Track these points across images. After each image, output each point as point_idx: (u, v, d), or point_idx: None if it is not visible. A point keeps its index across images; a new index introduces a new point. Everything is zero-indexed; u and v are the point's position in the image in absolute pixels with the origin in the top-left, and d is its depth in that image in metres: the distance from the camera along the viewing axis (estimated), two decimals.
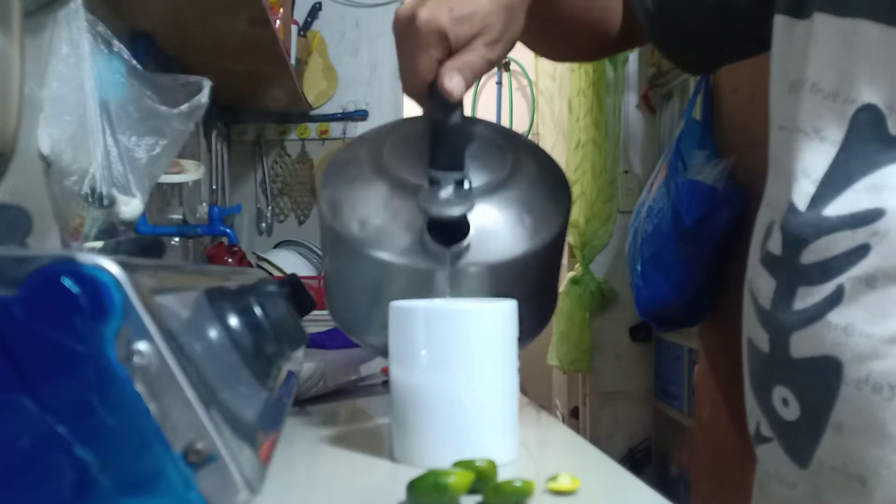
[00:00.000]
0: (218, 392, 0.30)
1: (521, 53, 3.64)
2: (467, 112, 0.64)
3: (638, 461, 2.63)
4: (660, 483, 2.56)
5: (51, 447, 0.26)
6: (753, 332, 0.58)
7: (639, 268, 2.39)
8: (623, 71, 2.68)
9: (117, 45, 1.03)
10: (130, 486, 0.27)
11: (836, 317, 0.51)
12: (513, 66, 3.78)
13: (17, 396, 0.26)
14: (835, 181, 0.52)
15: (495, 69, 3.79)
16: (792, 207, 0.54)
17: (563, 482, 0.45)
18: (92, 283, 0.26)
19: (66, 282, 0.26)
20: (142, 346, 0.26)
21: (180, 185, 1.72)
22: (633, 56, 2.63)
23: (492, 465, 0.45)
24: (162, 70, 1.46)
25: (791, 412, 0.55)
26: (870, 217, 0.50)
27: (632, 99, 2.65)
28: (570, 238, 2.59)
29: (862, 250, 0.50)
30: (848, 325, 0.50)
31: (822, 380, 0.52)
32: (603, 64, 2.65)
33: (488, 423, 0.51)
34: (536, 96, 2.93)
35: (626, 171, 2.67)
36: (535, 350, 2.77)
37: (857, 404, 0.50)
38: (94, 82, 0.93)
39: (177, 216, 1.73)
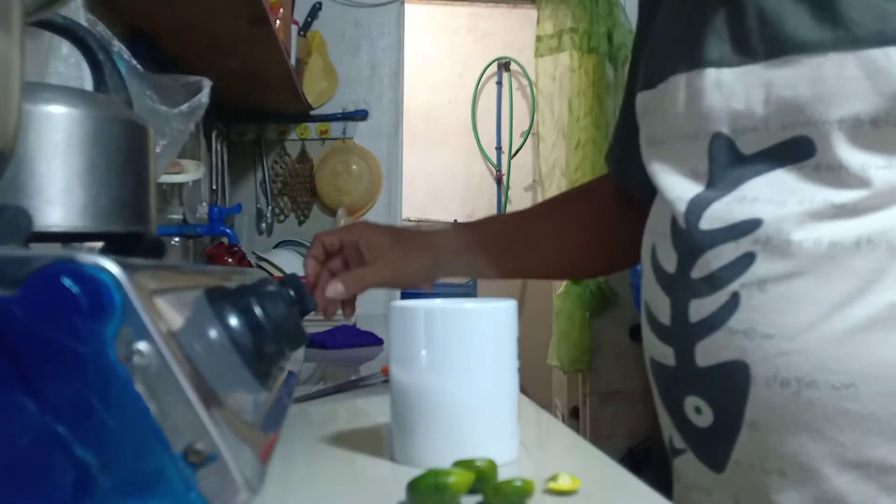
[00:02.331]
0: (218, 392, 0.30)
1: (521, 53, 3.64)
2: (467, 112, 0.66)
3: (638, 461, 2.63)
4: (660, 483, 2.55)
5: (51, 447, 0.26)
6: (655, 350, 0.63)
7: (639, 267, 2.39)
8: (623, 71, 2.68)
9: (117, 45, 1.03)
10: (130, 487, 0.27)
11: (736, 322, 0.55)
12: (513, 66, 3.79)
13: (17, 396, 0.26)
14: (703, 199, 0.58)
15: (496, 68, 3.79)
16: (676, 229, 0.60)
17: (563, 482, 0.45)
18: (92, 283, 0.26)
19: (66, 282, 0.26)
20: (142, 346, 0.26)
21: (180, 185, 1.72)
22: None
23: (492, 465, 0.45)
24: (162, 70, 1.46)
25: (704, 419, 0.58)
26: (748, 227, 0.55)
27: None
28: None
29: (747, 258, 0.54)
30: (748, 328, 0.54)
31: (732, 383, 0.55)
32: (603, 64, 2.65)
33: (488, 423, 0.51)
34: (536, 96, 2.93)
35: None
36: (535, 350, 2.77)
37: (769, 402, 0.54)
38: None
39: (177, 216, 1.74)
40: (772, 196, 0.54)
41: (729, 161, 0.57)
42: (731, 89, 0.57)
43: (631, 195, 0.83)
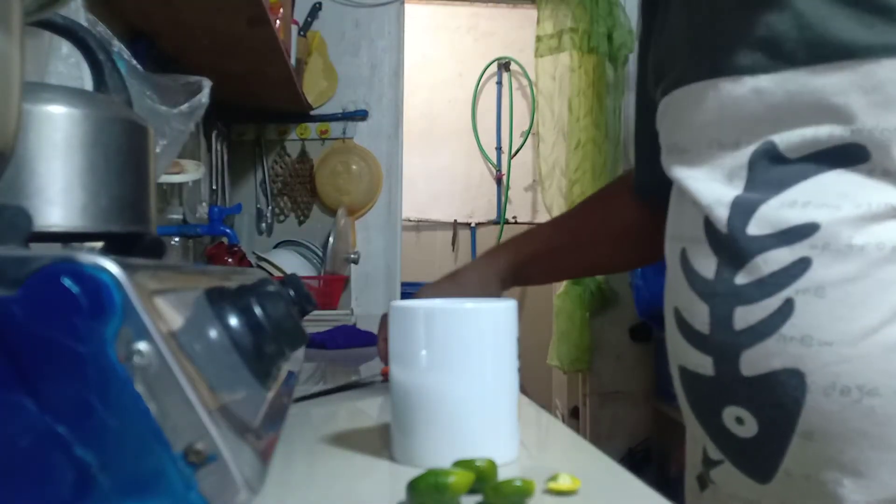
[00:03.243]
0: (218, 392, 0.30)
1: (521, 53, 3.64)
2: (467, 112, 0.65)
3: (638, 461, 2.63)
4: (660, 483, 2.55)
5: (51, 447, 0.26)
6: (688, 359, 0.60)
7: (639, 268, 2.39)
8: (623, 71, 2.68)
9: (117, 44, 1.03)
10: (130, 486, 0.27)
11: (790, 330, 0.53)
12: (513, 66, 3.79)
13: (17, 396, 0.26)
14: (746, 203, 0.56)
15: (496, 68, 3.79)
16: (712, 233, 0.57)
17: (563, 482, 0.45)
18: (92, 283, 0.26)
19: (66, 282, 0.26)
20: (142, 346, 0.26)
21: (180, 185, 1.72)
22: (632, 56, 2.64)
23: (492, 465, 0.45)
24: (162, 70, 1.46)
25: (747, 430, 0.56)
26: (804, 232, 0.53)
27: (632, 99, 2.64)
28: None
29: (803, 263, 0.53)
30: (805, 335, 0.52)
31: (784, 393, 0.53)
32: (603, 64, 2.65)
33: (488, 423, 0.51)
34: (536, 96, 2.93)
35: None
36: (535, 350, 2.77)
37: (826, 411, 0.52)
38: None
39: (177, 216, 1.73)
40: (824, 200, 0.53)
41: (769, 164, 0.55)
42: (773, 96, 0.55)
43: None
